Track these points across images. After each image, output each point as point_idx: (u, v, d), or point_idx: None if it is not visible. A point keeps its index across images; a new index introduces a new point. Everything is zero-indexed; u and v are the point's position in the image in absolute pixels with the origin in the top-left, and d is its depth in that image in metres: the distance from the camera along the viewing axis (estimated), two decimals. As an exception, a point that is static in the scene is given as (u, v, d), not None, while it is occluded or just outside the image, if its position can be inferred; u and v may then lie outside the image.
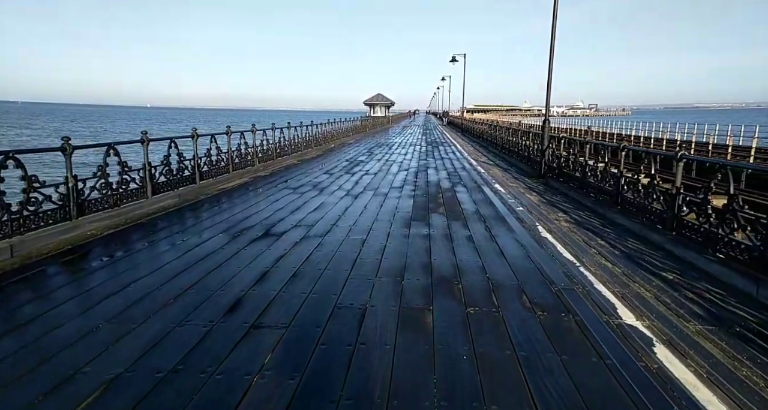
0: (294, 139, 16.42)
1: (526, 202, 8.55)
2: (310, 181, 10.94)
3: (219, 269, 4.71)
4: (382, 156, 17.54)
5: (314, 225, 6.63)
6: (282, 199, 8.61)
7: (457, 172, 12.97)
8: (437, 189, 10.05)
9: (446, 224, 6.79)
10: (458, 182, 11.08)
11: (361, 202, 8.37)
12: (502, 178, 11.99)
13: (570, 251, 5.48)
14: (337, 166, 14.17)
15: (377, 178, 11.53)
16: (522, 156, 14.86)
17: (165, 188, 7.86)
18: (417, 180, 11.37)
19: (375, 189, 9.91)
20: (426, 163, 15.39)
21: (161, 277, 4.45)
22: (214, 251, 5.31)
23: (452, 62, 35.34)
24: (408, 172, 12.98)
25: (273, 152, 13.94)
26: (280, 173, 12.25)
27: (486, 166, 14.80)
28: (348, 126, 28.10)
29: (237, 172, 11.06)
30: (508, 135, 18.11)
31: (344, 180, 11.17)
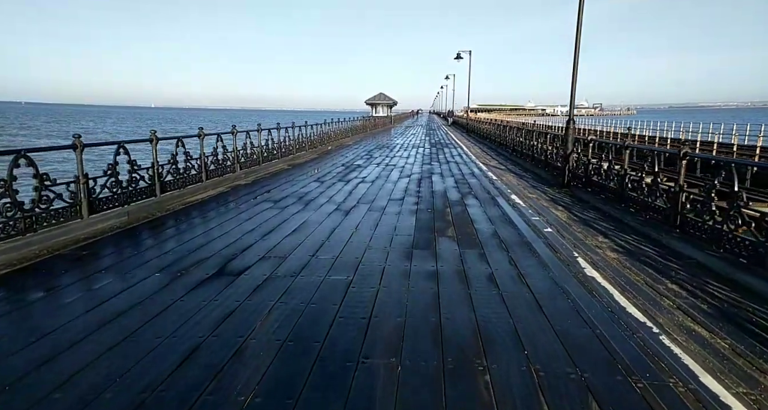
0: (285, 141, 14.93)
1: (553, 220, 7.03)
2: (296, 191, 9.44)
3: (126, 344, 3.19)
4: (382, 159, 16.03)
5: (288, 256, 5.12)
6: (257, 216, 7.11)
7: (466, 179, 11.45)
8: (444, 201, 8.53)
9: (458, 254, 5.27)
10: (468, 192, 9.55)
11: (352, 220, 6.87)
12: (518, 186, 10.46)
13: (635, 303, 3.95)
14: (330, 171, 12.66)
15: (374, 187, 10.02)
16: (537, 160, 13.32)
17: (108, 204, 6.36)
18: (420, 189, 9.85)
19: (371, 201, 8.40)
20: (430, 168, 13.87)
21: (32, 359, 2.95)
22: (135, 305, 3.80)
23: (457, 59, 33.79)
24: (410, 179, 11.46)
25: (259, 156, 12.44)
26: (263, 181, 10.75)
27: (497, 171, 13.27)
28: (347, 127, 26.61)
29: (212, 181, 9.57)
30: (520, 136, 16.57)
31: (336, 190, 9.66)
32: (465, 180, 11.40)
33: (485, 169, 13.75)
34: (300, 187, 9.88)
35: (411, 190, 9.79)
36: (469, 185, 10.53)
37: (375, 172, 12.61)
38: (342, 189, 9.75)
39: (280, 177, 11.51)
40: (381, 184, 10.58)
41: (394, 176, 11.88)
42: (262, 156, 12.61)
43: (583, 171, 9.20)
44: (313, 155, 17.18)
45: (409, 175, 12.05)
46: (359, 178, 11.41)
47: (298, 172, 12.66)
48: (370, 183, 10.67)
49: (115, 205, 6.48)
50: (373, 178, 11.43)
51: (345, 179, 11.20)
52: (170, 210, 7.38)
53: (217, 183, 9.69)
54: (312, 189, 9.70)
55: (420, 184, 10.66)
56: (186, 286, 4.19)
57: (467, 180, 11.38)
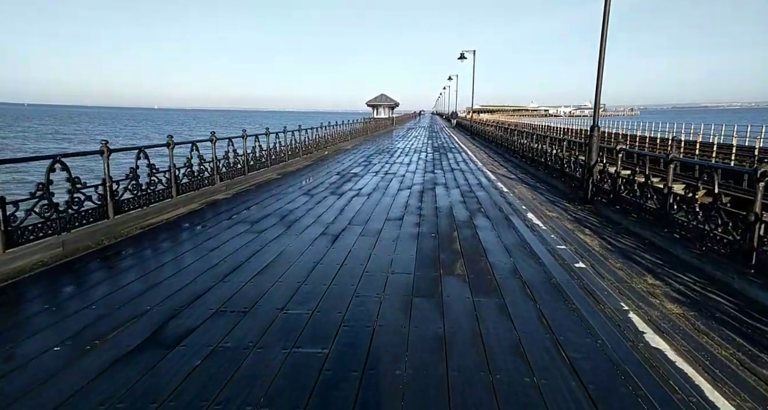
0: (276, 147, 13.73)
1: (584, 250, 5.80)
2: (280, 208, 8.22)
3: None
4: (381, 167, 14.82)
5: (249, 310, 3.90)
6: (225, 244, 5.90)
7: (473, 191, 10.22)
8: (450, 221, 7.31)
9: (471, 305, 4.05)
10: (477, 209, 8.32)
11: (339, 251, 5.65)
12: (534, 201, 9.23)
13: (736, 404, 2.71)
14: (323, 182, 11.45)
15: (370, 203, 8.80)
16: (552, 169, 12.08)
17: (36, 233, 5.15)
18: (422, 205, 8.63)
19: (364, 222, 7.18)
20: (433, 177, 12.64)
21: None
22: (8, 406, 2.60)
23: (460, 59, 32.59)
24: (411, 191, 10.24)
25: (244, 165, 11.25)
26: (245, 195, 9.54)
27: (507, 181, 12.03)
28: (346, 130, 25.40)
29: (185, 197, 8.36)
30: (531, 141, 15.33)
31: (326, 206, 8.44)
32: (472, 192, 10.18)
33: (494, 178, 12.52)
34: (285, 203, 8.66)
35: (412, 205, 8.57)
36: (478, 199, 9.31)
37: (372, 183, 11.39)
38: (333, 205, 8.53)
39: (265, 189, 10.30)
40: (378, 197, 9.36)
41: (393, 188, 10.66)
42: (247, 165, 11.40)
43: (610, 185, 7.96)
44: (307, 162, 15.98)
45: (410, 187, 10.83)
46: (354, 190, 10.20)
47: (287, 182, 11.45)
48: (366, 196, 9.45)
49: (48, 234, 5.27)
50: (369, 190, 10.22)
51: (338, 192, 9.98)
52: (123, 236, 6.17)
53: (190, 199, 8.48)
54: (299, 205, 8.49)
55: (422, 197, 9.44)
56: (93, 368, 2.98)
57: (475, 192, 10.15)
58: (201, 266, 5.01)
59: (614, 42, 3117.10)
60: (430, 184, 11.26)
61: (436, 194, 9.86)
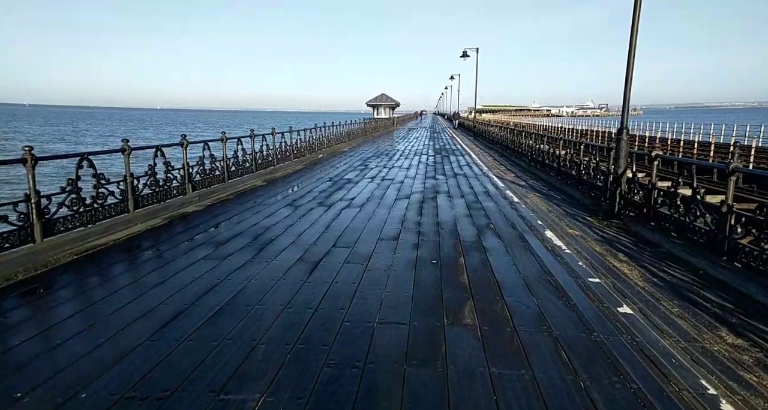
0: (262, 151, 12.55)
1: (624, 285, 4.59)
2: (255, 224, 7.04)
3: None
4: (378, 171, 13.63)
5: (163, 406, 2.72)
6: (174, 277, 4.71)
7: (480, 202, 9.02)
8: (455, 241, 6.11)
9: (487, 381, 2.86)
10: (486, 224, 7.13)
11: (316, 287, 4.46)
12: (550, 214, 8.02)
13: None
14: (312, 190, 10.27)
15: (362, 216, 7.61)
16: (566, 175, 10.87)
17: None
18: (422, 219, 7.44)
19: (353, 243, 5.99)
20: (435, 183, 11.44)
21: None
22: None
23: (463, 57, 31.34)
24: (410, 200, 9.05)
25: (224, 172, 10.07)
26: (220, 208, 8.36)
27: (517, 189, 10.82)
28: (343, 131, 24.20)
29: (146, 211, 7.19)
30: (541, 143, 14.12)
31: (310, 221, 7.26)
32: (479, 202, 8.98)
33: (501, 185, 11.32)
34: (263, 217, 7.48)
35: (410, 220, 7.38)
36: (486, 211, 8.11)
37: (367, 191, 10.20)
38: (319, 219, 7.34)
39: (244, 199, 9.12)
40: (372, 209, 8.17)
41: (389, 197, 9.46)
42: (227, 171, 10.22)
43: (642, 197, 6.76)
44: (298, 166, 14.80)
45: (409, 195, 9.64)
46: (345, 200, 9.02)
47: (272, 190, 10.27)
48: (358, 208, 8.26)
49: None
50: (362, 201, 9.03)
51: (327, 202, 8.79)
52: (50, 265, 4.98)
53: (152, 213, 7.30)
54: (278, 219, 7.30)
55: (422, 209, 8.25)
56: None
57: (482, 202, 8.95)
58: (128, 314, 3.82)
59: (618, 41, 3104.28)
60: (432, 193, 10.06)
61: (438, 205, 8.67)
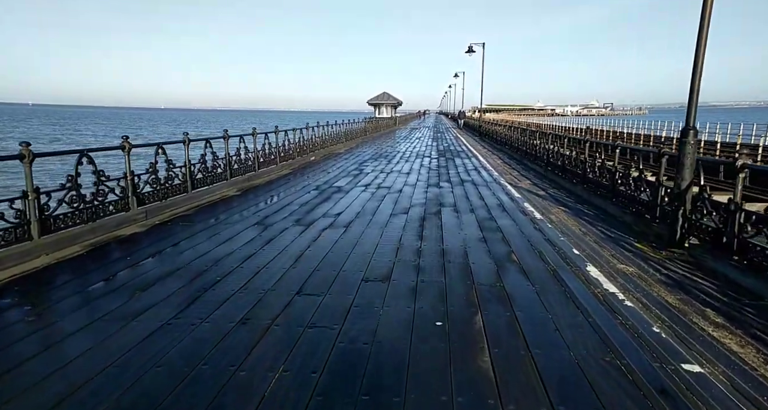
0: (239, 154, 10.89)
1: (743, 378, 2.91)
2: (205, 253, 5.37)
3: None
4: (374, 177, 11.95)
5: None
6: (28, 365, 3.05)
7: (495, 219, 7.32)
8: (467, 285, 4.43)
9: None
10: (507, 255, 5.43)
11: (254, 376, 2.79)
12: (586, 238, 6.32)
13: None
14: (292, 202, 8.61)
15: (346, 241, 5.94)
16: (596, 183, 9.15)
17: None
18: (422, 245, 5.77)
19: (326, 287, 4.32)
20: (439, 193, 9.75)
21: None
22: None
23: (468, 53, 29.62)
24: (408, 217, 7.38)
25: (186, 181, 8.41)
26: (167, 229, 6.69)
27: (536, 200, 9.12)
28: (340, 131, 22.51)
29: (58, 237, 5.51)
30: (558, 145, 12.40)
31: (278, 248, 5.59)
32: (493, 219, 7.29)
33: (517, 195, 9.62)
34: (218, 243, 5.81)
35: (407, 247, 5.70)
36: (503, 233, 6.43)
37: (358, 203, 8.54)
38: (289, 247, 5.67)
39: (205, 216, 7.46)
40: (359, 230, 6.50)
41: (384, 212, 7.79)
42: (191, 180, 8.56)
43: (720, 222, 5.05)
44: (284, 171, 13.14)
45: (408, 209, 7.96)
46: (329, 217, 7.35)
47: (244, 203, 8.61)
48: (343, 229, 6.60)
49: None
50: (350, 217, 7.36)
51: (306, 220, 7.13)
52: None
53: (72, 237, 5.64)
54: (237, 247, 5.63)
55: (423, 229, 6.58)
56: None
57: (497, 220, 7.26)
58: None
59: (622, 41, 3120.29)
60: (435, 205, 8.38)
61: (443, 223, 6.99)
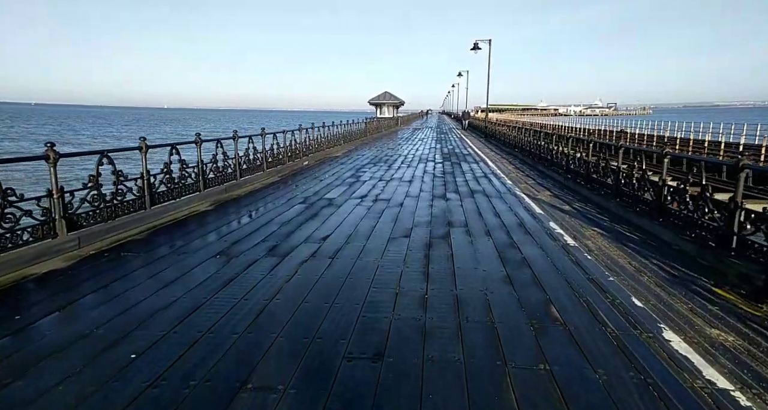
0: (216, 162, 9.48)
1: None
2: (131, 306, 3.95)
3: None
4: (372, 186, 10.53)
5: None
6: None
7: (518, 247, 5.89)
8: (496, 365, 3.00)
9: None
10: (543, 309, 4.00)
11: None
12: (645, 279, 4.87)
13: None
14: (272, 221, 7.20)
15: (328, 284, 4.51)
16: (633, 198, 7.70)
17: None
18: (429, 290, 4.35)
19: (289, 372, 2.89)
20: (446, 207, 8.31)
21: None
22: None
23: (474, 50, 28.16)
24: (410, 243, 5.95)
25: (143, 195, 7.00)
26: (94, 267, 5.25)
27: (564, 218, 7.67)
28: (338, 132, 21.07)
29: None
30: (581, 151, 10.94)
31: (239, 292, 4.17)
32: (516, 246, 5.86)
33: (538, 210, 8.17)
34: (163, 284, 4.39)
35: (409, 293, 4.27)
36: (533, 270, 4.99)
37: (351, 220, 7.12)
38: (251, 294, 4.24)
39: (157, 241, 6.04)
40: (348, 264, 5.07)
41: (380, 234, 6.36)
42: (150, 194, 7.15)
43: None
44: (271, 178, 11.73)
45: (409, 231, 6.54)
46: (314, 241, 5.94)
47: (212, 222, 7.20)
48: (328, 261, 5.19)
49: None
50: (340, 242, 5.94)
51: (283, 248, 5.70)
52: None
53: None
54: (183, 292, 4.22)
55: (428, 262, 5.16)
56: None
57: (520, 247, 5.82)
58: None
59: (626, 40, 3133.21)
60: (442, 225, 6.97)
61: (454, 253, 5.56)
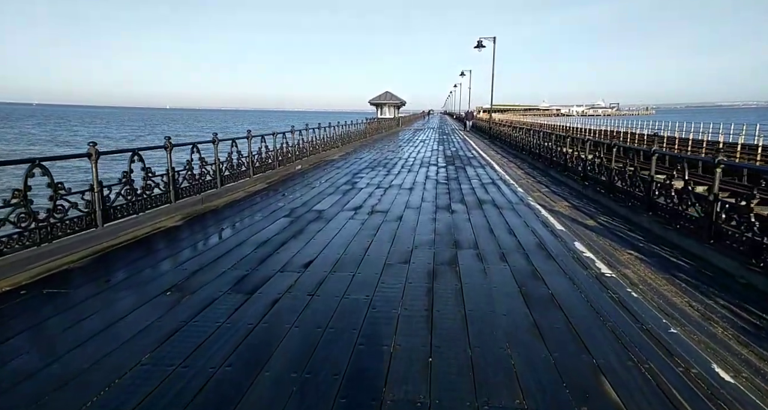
0: (191, 169, 8.36)
1: None
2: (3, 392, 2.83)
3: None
4: (368, 195, 9.40)
5: None
6: None
7: (544, 279, 4.74)
8: None
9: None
10: (593, 380, 2.86)
11: None
12: (721, 336, 3.72)
13: None
14: (246, 241, 6.07)
15: (302, 341, 3.38)
16: (672, 213, 6.55)
17: None
18: (434, 355, 3.20)
19: None
20: (452, 222, 7.17)
21: None
22: None
23: (478, 48, 27.02)
24: (410, 273, 4.81)
25: (95, 209, 5.87)
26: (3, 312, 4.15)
27: (593, 239, 6.52)
28: (335, 133, 19.93)
29: None
30: (603, 158, 9.77)
31: (186, 350, 3.03)
32: (540, 278, 4.72)
33: (559, 227, 7.03)
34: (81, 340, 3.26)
35: (408, 356, 3.16)
36: (566, 314, 3.86)
37: (341, 239, 5.99)
38: (197, 355, 3.11)
39: (97, 271, 4.91)
40: (330, 308, 3.94)
41: (374, 260, 5.22)
42: (104, 208, 6.02)
43: None
44: (257, 185, 10.61)
45: (409, 255, 5.40)
46: (293, 271, 4.80)
47: (179, 242, 6.08)
48: (307, 298, 4.08)
49: None
50: (324, 271, 4.80)
51: (253, 280, 4.57)
52: None
53: None
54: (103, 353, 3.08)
55: (432, 302, 4.02)
56: None
57: (545, 278, 4.69)
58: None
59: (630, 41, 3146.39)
60: (448, 246, 5.83)
61: (464, 287, 4.43)
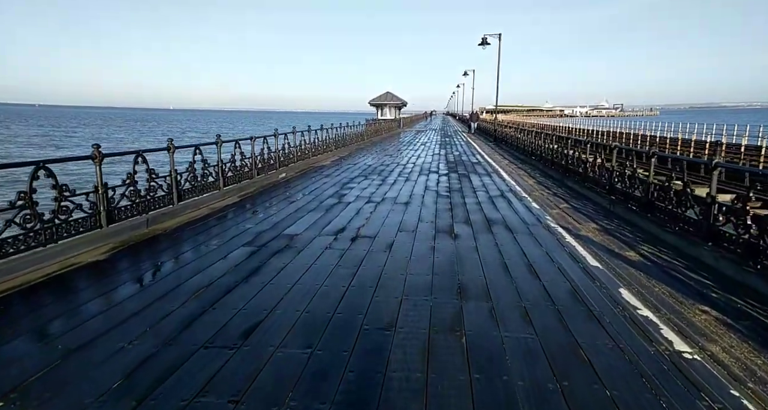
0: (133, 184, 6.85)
1: None
2: None
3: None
4: (356, 213, 7.86)
5: None
6: None
7: (590, 359, 3.20)
8: None
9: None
10: None
11: None
12: None
13: None
14: (180, 287, 4.53)
15: None
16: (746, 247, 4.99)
17: None
18: None
19: None
20: (455, 252, 5.60)
21: None
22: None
23: (482, 45, 25.48)
24: (395, 343, 3.26)
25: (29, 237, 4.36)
26: None
27: (644, 283, 4.95)
28: (329, 137, 18.41)
29: None
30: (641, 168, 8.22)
31: None
32: (588, 364, 3.18)
33: (593, 262, 5.48)
34: None
35: None
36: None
37: (303, 290, 4.44)
38: None
39: None
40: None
41: (347, 325, 3.67)
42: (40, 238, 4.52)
43: None
44: (228, 199, 9.09)
45: (396, 313, 3.85)
46: (225, 345, 3.32)
47: (73, 294, 4.54)
48: (228, 406, 2.52)
49: None
50: (264, 356, 3.27)
51: (151, 373, 3.04)
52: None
53: None
54: None
55: None
56: None
57: (596, 368, 3.14)
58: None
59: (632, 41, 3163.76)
60: (450, 292, 4.30)
61: (473, 381, 2.89)
